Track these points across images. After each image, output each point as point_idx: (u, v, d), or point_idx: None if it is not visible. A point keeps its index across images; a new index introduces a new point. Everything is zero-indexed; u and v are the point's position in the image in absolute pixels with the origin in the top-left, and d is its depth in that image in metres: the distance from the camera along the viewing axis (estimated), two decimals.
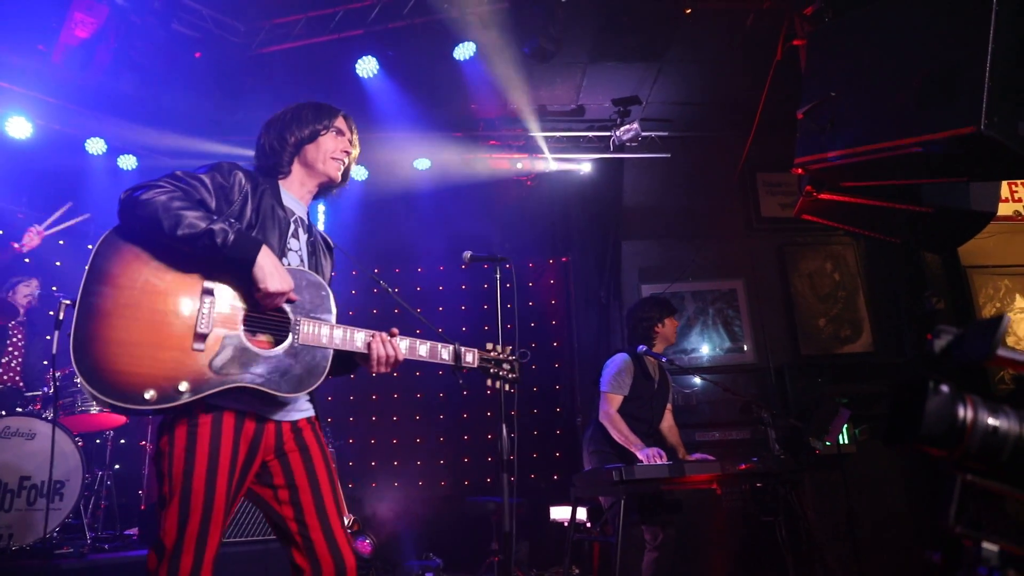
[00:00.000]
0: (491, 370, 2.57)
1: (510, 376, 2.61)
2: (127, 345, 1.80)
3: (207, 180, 2.07)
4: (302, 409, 2.19)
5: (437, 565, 5.49)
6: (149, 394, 1.78)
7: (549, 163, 6.86)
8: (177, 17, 5.14)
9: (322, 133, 2.33)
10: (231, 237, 1.93)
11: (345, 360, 2.32)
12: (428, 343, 2.40)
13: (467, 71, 5.65)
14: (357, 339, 2.18)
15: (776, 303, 6.93)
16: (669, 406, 4.50)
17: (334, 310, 2.19)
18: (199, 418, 1.91)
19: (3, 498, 3.77)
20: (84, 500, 4.17)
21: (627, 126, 6.60)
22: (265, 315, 2.04)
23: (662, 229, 7.05)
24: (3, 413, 3.94)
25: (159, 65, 5.15)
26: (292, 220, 2.25)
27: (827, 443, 5.25)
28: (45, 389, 4.43)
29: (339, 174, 2.39)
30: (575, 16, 5.31)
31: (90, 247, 1.92)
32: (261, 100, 6.00)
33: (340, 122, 2.41)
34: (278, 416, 2.09)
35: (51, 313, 4.71)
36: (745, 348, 6.85)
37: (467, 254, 3.37)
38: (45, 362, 4.55)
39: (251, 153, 2.43)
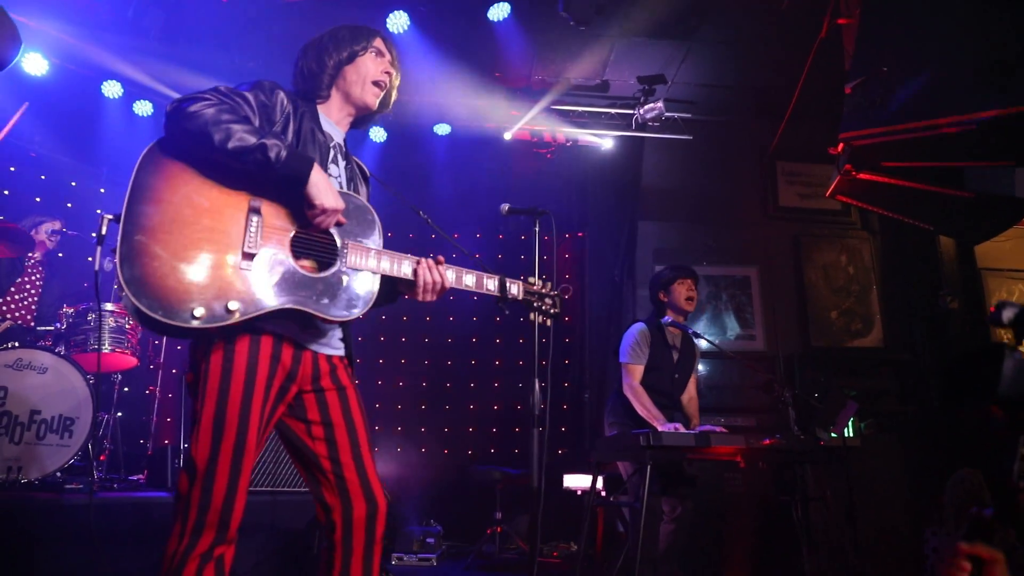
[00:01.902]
0: (534, 303, 2.46)
1: (552, 311, 2.51)
2: (176, 260, 1.73)
3: (251, 98, 1.99)
4: (336, 346, 2.13)
5: (438, 532, 5.45)
6: (199, 311, 1.71)
7: (569, 137, 6.78)
8: None
9: (360, 54, 2.23)
10: (283, 153, 1.86)
11: (389, 290, 2.23)
12: (474, 273, 2.31)
13: (498, 33, 5.55)
14: (404, 265, 2.11)
15: (789, 293, 6.89)
16: (695, 377, 4.42)
17: (380, 235, 2.11)
18: (237, 339, 1.85)
19: (13, 430, 3.69)
20: (91, 440, 4.08)
21: (651, 104, 6.53)
22: (312, 238, 1.97)
23: (679, 211, 6.99)
24: (16, 344, 3.86)
25: (185, 6, 5.01)
26: (331, 146, 2.19)
27: (833, 434, 5.24)
28: (57, 325, 4.33)
29: (377, 102, 2.28)
30: None
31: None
32: (287, 52, 5.88)
33: (379, 43, 2.30)
34: (315, 346, 2.03)
35: (92, 261, 4.62)
36: (755, 336, 6.82)
37: (505, 206, 3.27)
38: (65, 307, 4.44)
39: None
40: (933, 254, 6.46)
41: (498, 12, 5.31)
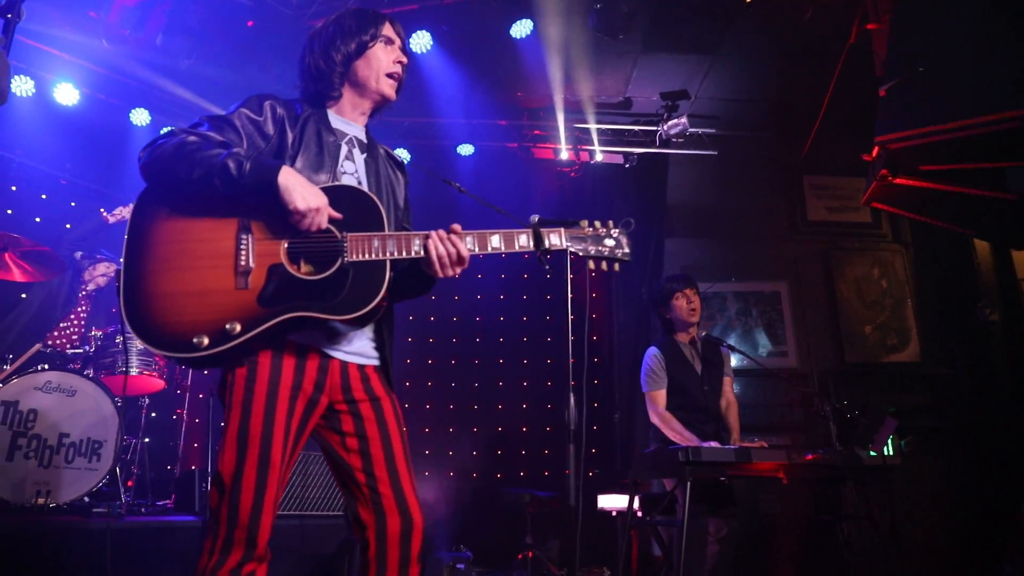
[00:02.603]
0: (591, 249, 2.17)
1: (619, 253, 2.22)
2: (171, 296, 1.79)
3: (235, 120, 1.94)
4: (368, 355, 2.04)
5: (468, 557, 5.32)
6: (199, 339, 1.73)
7: (594, 155, 6.75)
8: None
9: (370, 45, 2.12)
10: (247, 165, 1.79)
11: (415, 276, 2.12)
12: (499, 232, 2.10)
13: (521, 51, 5.56)
14: (413, 243, 1.96)
15: (821, 308, 6.76)
16: (727, 381, 4.27)
17: (387, 222, 1.98)
18: (259, 353, 1.84)
19: (43, 454, 3.67)
20: (119, 463, 4.05)
21: (674, 120, 6.49)
22: (309, 242, 1.88)
23: (706, 228, 6.91)
24: (46, 367, 3.85)
25: (211, 31, 5.10)
26: (344, 142, 2.11)
27: (872, 453, 5.07)
28: (86, 347, 4.33)
29: (395, 92, 2.19)
30: (634, 1, 5.21)
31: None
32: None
33: (388, 29, 2.17)
34: (342, 355, 1.96)
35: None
36: (788, 352, 6.67)
37: (534, 218, 3.20)
38: (94, 330, 4.47)
39: None
40: (969, 265, 6.30)
41: (521, 29, 5.32)
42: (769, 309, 6.76)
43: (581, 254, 2.17)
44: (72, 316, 4.68)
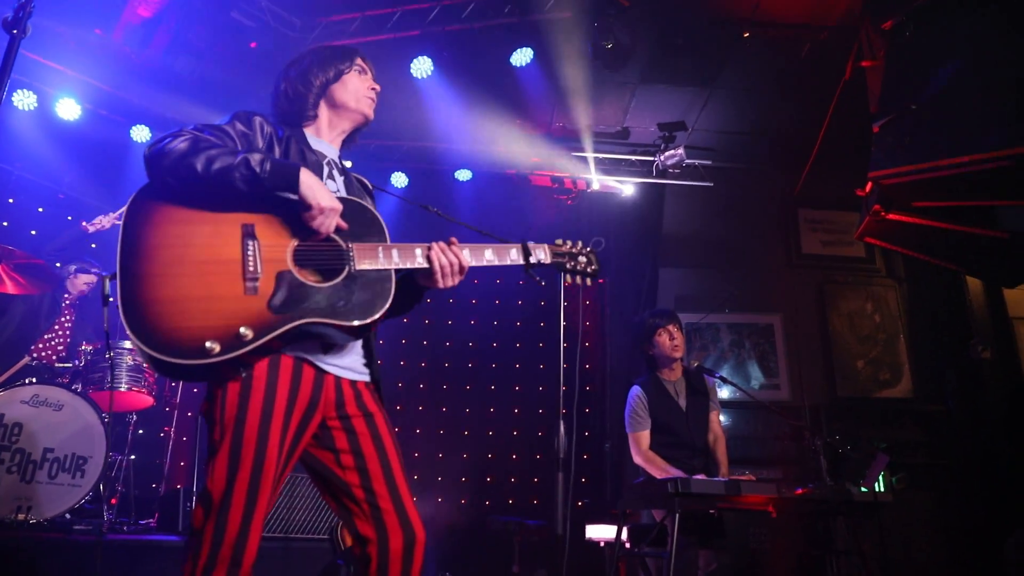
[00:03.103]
0: (567, 264, 2.32)
1: (589, 269, 2.37)
2: (178, 302, 1.70)
3: (228, 129, 1.97)
4: (359, 371, 2.03)
5: None
6: (211, 345, 1.66)
7: (590, 184, 6.80)
8: (237, 6, 5.14)
9: (346, 72, 2.23)
10: (268, 164, 1.81)
11: (407, 289, 2.15)
12: (492, 246, 2.18)
13: (521, 79, 5.62)
14: (416, 254, 2.00)
15: (814, 341, 6.76)
16: (714, 414, 4.20)
17: (387, 232, 2.01)
18: (255, 365, 1.78)
19: (25, 468, 3.62)
20: (104, 480, 4.00)
21: (671, 151, 6.55)
22: (314, 248, 1.89)
23: (701, 258, 6.93)
24: (34, 380, 3.82)
25: (215, 51, 5.14)
26: (324, 163, 2.14)
27: (863, 488, 5.04)
28: (75, 362, 4.31)
29: (372, 112, 2.29)
30: (633, 33, 5.28)
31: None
32: None
33: (360, 61, 2.30)
34: (337, 370, 1.95)
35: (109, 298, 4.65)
36: (780, 385, 6.66)
37: (529, 244, 3.23)
38: (83, 344, 4.45)
39: None
40: (962, 302, 6.33)
41: (521, 58, 5.39)
42: (762, 341, 6.76)
43: (557, 268, 2.32)
44: (56, 327, 4.66)
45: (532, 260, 2.23)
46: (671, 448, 3.99)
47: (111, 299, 1.75)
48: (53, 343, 4.61)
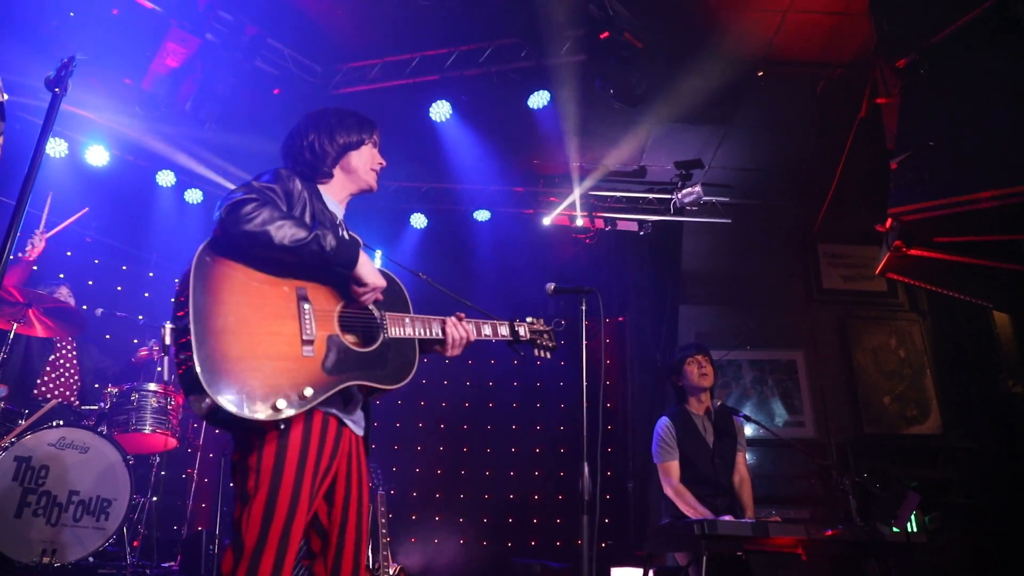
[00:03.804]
0: (537, 340, 2.71)
1: (550, 344, 2.76)
2: (248, 359, 1.82)
3: (278, 189, 2.10)
4: (361, 425, 2.20)
5: None
6: (281, 403, 1.80)
7: (609, 222, 6.83)
8: (261, 55, 5.30)
9: (367, 142, 2.39)
10: (333, 243, 2.00)
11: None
12: (489, 323, 2.53)
13: (538, 121, 5.71)
14: (435, 326, 2.30)
15: (838, 377, 6.68)
16: (741, 455, 4.16)
17: (410, 303, 2.30)
18: (292, 422, 1.90)
19: (51, 511, 3.64)
20: (127, 523, 4.01)
21: (688, 189, 6.57)
22: (354, 313, 2.11)
23: (720, 295, 6.92)
24: (60, 423, 3.86)
25: (239, 98, 5.29)
26: (337, 223, 2.31)
27: (895, 529, 4.92)
28: (101, 404, 4.35)
29: (376, 184, 2.47)
30: (647, 74, 5.36)
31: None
32: None
33: (376, 136, 2.47)
34: (351, 423, 2.11)
35: (137, 344, 4.67)
36: (804, 422, 6.56)
37: (550, 286, 3.29)
38: (97, 385, 4.50)
39: None
40: (989, 336, 6.22)
41: (538, 100, 5.47)
42: (785, 378, 6.69)
43: (529, 344, 2.69)
44: (60, 361, 4.69)
45: (519, 337, 2.63)
46: (695, 485, 3.93)
47: (170, 346, 1.88)
48: (63, 379, 4.66)
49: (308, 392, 1.86)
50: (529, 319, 2.72)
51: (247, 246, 1.92)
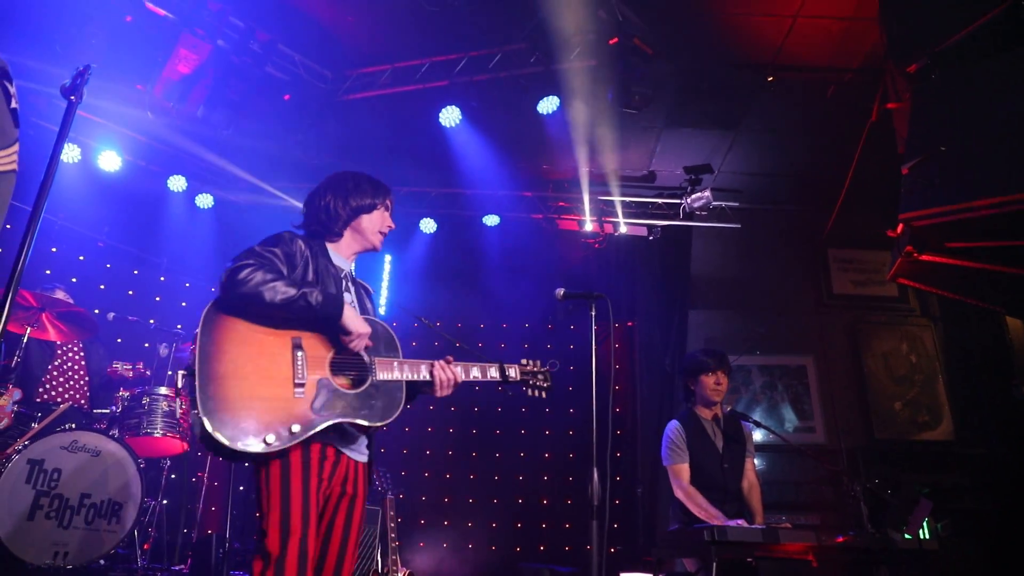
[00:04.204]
0: (530, 381, 2.82)
1: (544, 385, 2.86)
2: (243, 400, 2.10)
3: (278, 252, 2.35)
4: (362, 452, 2.42)
5: None
6: (270, 438, 2.07)
7: (618, 227, 6.83)
8: (272, 61, 5.33)
9: (378, 206, 2.62)
10: (319, 298, 2.24)
11: (410, 393, 2.51)
12: (477, 365, 2.67)
13: (548, 126, 5.72)
14: (422, 370, 2.46)
15: (848, 383, 6.64)
16: (749, 461, 4.15)
17: (399, 349, 2.47)
18: (291, 451, 2.16)
19: (63, 514, 3.67)
20: (137, 526, 4.03)
21: (698, 194, 6.56)
22: (345, 359, 2.32)
23: (730, 300, 6.90)
24: (73, 426, 3.89)
25: (250, 104, 5.33)
26: (343, 276, 2.53)
27: (907, 535, 4.88)
28: (112, 408, 4.38)
29: (381, 245, 2.70)
30: (657, 78, 5.36)
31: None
32: (344, 145, 6.15)
33: (389, 201, 2.69)
34: (349, 451, 2.35)
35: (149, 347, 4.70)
36: (815, 428, 6.53)
37: (560, 291, 3.30)
38: (121, 390, 4.52)
39: None
40: (1002, 341, 6.17)
41: (547, 106, 5.48)
42: (795, 383, 6.66)
43: (521, 384, 2.81)
44: (67, 364, 4.71)
45: (508, 379, 2.73)
46: (704, 490, 3.91)
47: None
48: (72, 382, 4.69)
49: (296, 429, 2.11)
50: (524, 361, 2.83)
51: (245, 305, 2.20)
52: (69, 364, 4.81)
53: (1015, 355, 6.12)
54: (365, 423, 2.25)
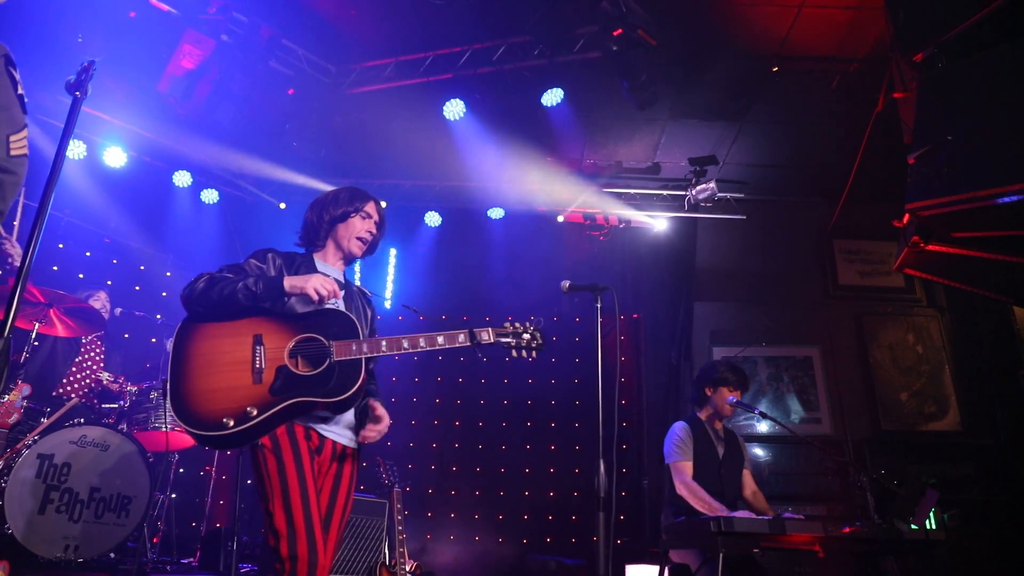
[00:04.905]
0: (512, 342, 2.70)
1: (533, 345, 2.74)
2: (207, 392, 2.33)
3: (245, 266, 2.56)
4: (348, 437, 2.56)
5: None
6: (228, 421, 2.26)
7: (622, 219, 6.82)
8: (275, 55, 5.34)
9: (352, 215, 2.74)
10: (260, 283, 2.43)
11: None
12: (444, 333, 2.61)
13: (552, 118, 5.71)
14: (382, 344, 2.51)
15: (854, 374, 6.62)
16: (747, 471, 4.24)
17: (361, 332, 2.52)
18: (278, 432, 2.36)
19: (74, 508, 3.70)
20: (147, 520, 4.06)
21: (703, 185, 6.55)
22: (304, 347, 2.45)
23: (736, 292, 6.88)
24: (82, 421, 3.92)
25: (254, 99, 5.34)
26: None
27: (914, 526, 4.87)
28: (121, 403, 4.40)
29: (361, 252, 2.81)
30: (661, 69, 5.34)
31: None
32: (348, 139, 6.16)
33: (370, 207, 2.79)
34: (331, 434, 2.50)
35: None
36: (821, 419, 6.52)
37: (565, 283, 3.30)
38: (129, 385, 4.55)
39: (330, 187, 3.00)
40: (1009, 331, 6.15)
41: (551, 98, 5.47)
42: (801, 374, 6.65)
43: (504, 346, 2.69)
44: (87, 362, 4.76)
45: (478, 340, 2.63)
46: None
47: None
48: (87, 380, 4.72)
49: (253, 412, 2.27)
50: (506, 324, 2.73)
51: (204, 311, 2.44)
52: (89, 363, 4.85)
53: (1022, 345, 6.09)
54: (322, 399, 2.36)
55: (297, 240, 2.82)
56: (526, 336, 2.72)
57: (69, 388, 4.70)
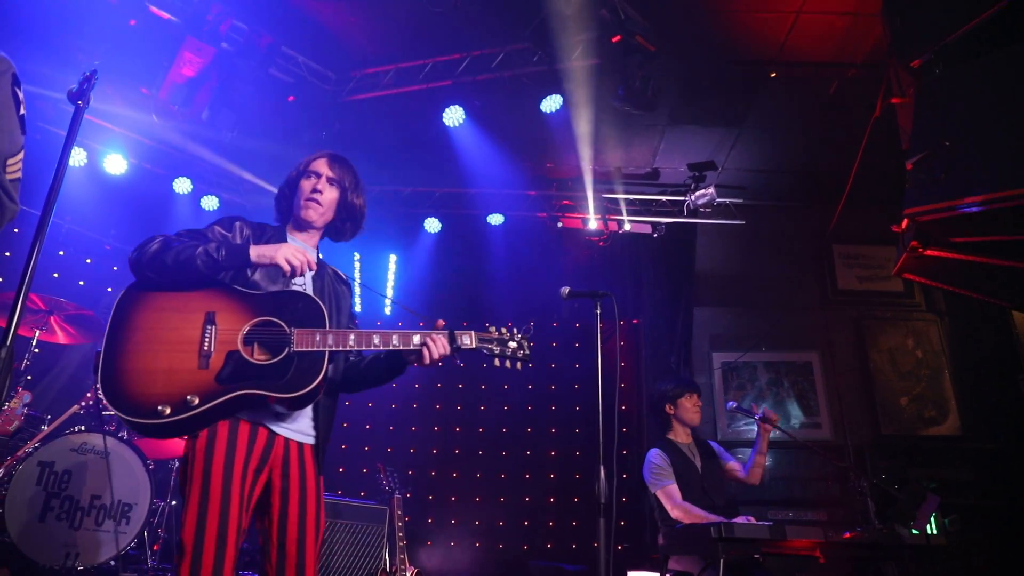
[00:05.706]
0: (495, 350, 2.43)
1: (520, 355, 2.46)
2: (143, 373, 2.04)
3: (208, 233, 2.31)
4: (307, 433, 2.28)
5: None
6: (164, 408, 1.98)
7: (622, 225, 6.83)
8: (275, 63, 5.36)
9: (298, 179, 2.50)
10: (223, 250, 2.16)
11: (393, 364, 2.43)
12: (421, 332, 2.34)
13: (551, 125, 5.73)
14: (350, 338, 2.24)
15: (854, 378, 6.63)
16: (730, 464, 4.29)
17: (328, 320, 2.24)
18: (218, 427, 2.08)
19: (74, 515, 3.70)
20: (147, 527, 4.06)
21: (702, 191, 6.56)
22: (262, 331, 2.18)
23: (735, 297, 6.90)
24: (83, 428, 3.92)
25: (254, 106, 5.36)
26: None
27: (914, 531, 4.87)
28: None
29: (314, 215, 2.47)
30: (660, 76, 5.35)
31: (115, 268, 1.98)
32: (348, 146, 6.17)
33: (317, 164, 2.50)
34: (286, 431, 2.22)
35: None
36: (821, 424, 6.52)
37: (565, 289, 3.30)
38: None
39: None
40: (1008, 335, 6.16)
41: (551, 104, 5.49)
42: (800, 379, 6.65)
43: (487, 353, 2.44)
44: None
45: (457, 344, 2.36)
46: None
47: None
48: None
49: (194, 400, 2.01)
50: (490, 327, 2.48)
51: (155, 277, 2.14)
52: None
53: (1021, 349, 6.10)
54: (273, 394, 2.08)
55: (274, 218, 2.60)
56: (512, 344, 2.45)
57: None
